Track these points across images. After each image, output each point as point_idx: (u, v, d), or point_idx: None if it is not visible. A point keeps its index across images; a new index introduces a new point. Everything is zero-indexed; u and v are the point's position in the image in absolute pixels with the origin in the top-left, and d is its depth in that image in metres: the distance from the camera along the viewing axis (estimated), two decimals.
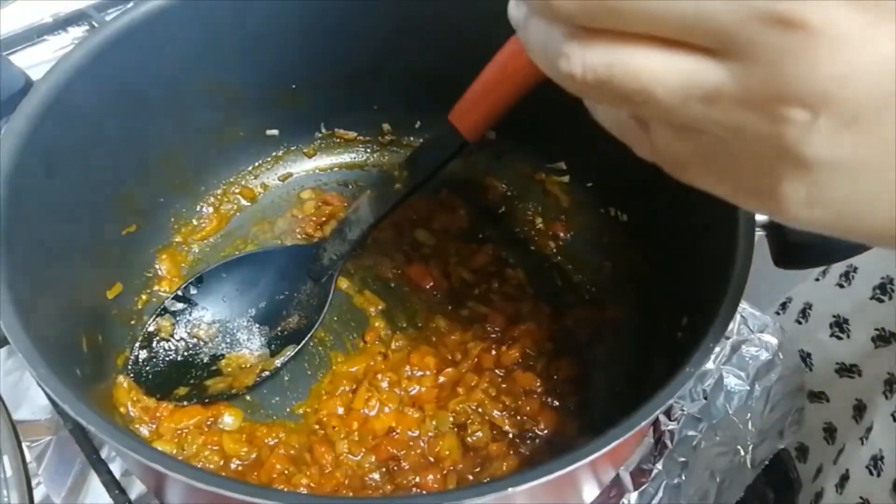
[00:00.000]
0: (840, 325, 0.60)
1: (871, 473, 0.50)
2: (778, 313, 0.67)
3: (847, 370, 0.59)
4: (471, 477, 0.51)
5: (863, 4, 0.21)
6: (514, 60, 0.45)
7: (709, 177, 0.27)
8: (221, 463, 0.52)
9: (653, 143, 0.28)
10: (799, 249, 0.45)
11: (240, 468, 0.52)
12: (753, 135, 0.24)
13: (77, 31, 0.84)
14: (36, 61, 0.80)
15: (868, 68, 0.22)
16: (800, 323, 0.64)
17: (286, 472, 0.52)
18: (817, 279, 0.64)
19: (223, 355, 0.57)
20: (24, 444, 0.54)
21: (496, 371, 0.56)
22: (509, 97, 0.46)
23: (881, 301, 0.57)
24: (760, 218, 0.46)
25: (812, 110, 0.23)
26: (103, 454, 0.52)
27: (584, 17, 0.24)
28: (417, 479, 0.51)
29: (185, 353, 0.56)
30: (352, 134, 0.69)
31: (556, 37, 0.26)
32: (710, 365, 0.60)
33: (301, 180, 0.69)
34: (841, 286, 0.60)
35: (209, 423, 0.54)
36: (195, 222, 0.64)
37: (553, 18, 0.25)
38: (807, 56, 0.22)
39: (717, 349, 0.48)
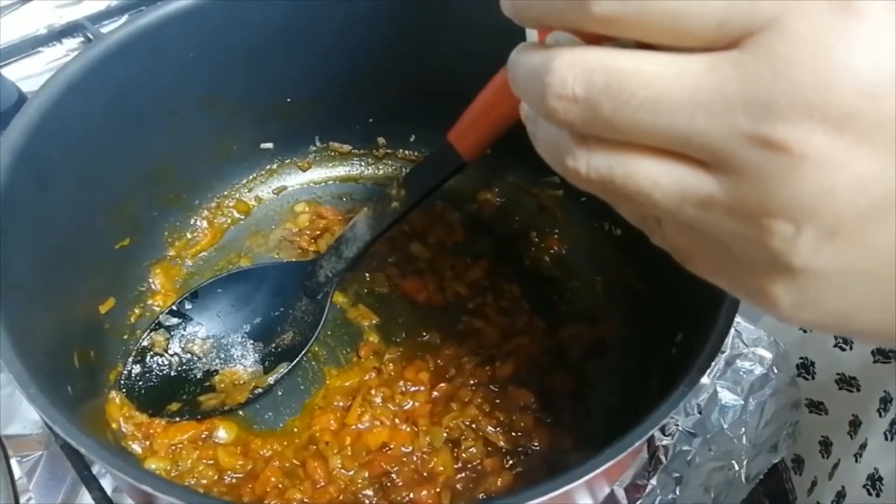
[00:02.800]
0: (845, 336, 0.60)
1: (869, 493, 0.50)
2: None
3: (847, 382, 0.59)
4: (465, 493, 0.51)
5: (840, 129, 0.23)
6: None
7: (710, 270, 0.29)
8: (216, 477, 0.52)
9: (665, 237, 0.29)
10: None
11: (234, 482, 0.52)
12: (744, 241, 0.26)
13: (72, 43, 0.84)
14: (29, 73, 0.80)
15: (846, 186, 0.23)
16: (804, 331, 0.64)
17: (280, 485, 0.51)
18: None
19: (217, 371, 0.56)
20: (15, 459, 0.54)
21: (490, 386, 0.56)
22: (509, 117, 0.46)
23: None
24: None
25: (796, 224, 0.24)
26: (95, 470, 0.52)
27: (586, 128, 0.26)
28: (411, 496, 0.51)
29: (179, 369, 0.56)
30: (346, 147, 0.69)
31: (563, 137, 0.27)
32: (704, 379, 0.59)
33: (295, 193, 0.68)
34: None
35: (203, 436, 0.54)
36: (189, 236, 0.64)
37: (556, 123, 0.26)
38: (790, 175, 0.23)
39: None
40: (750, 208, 0.24)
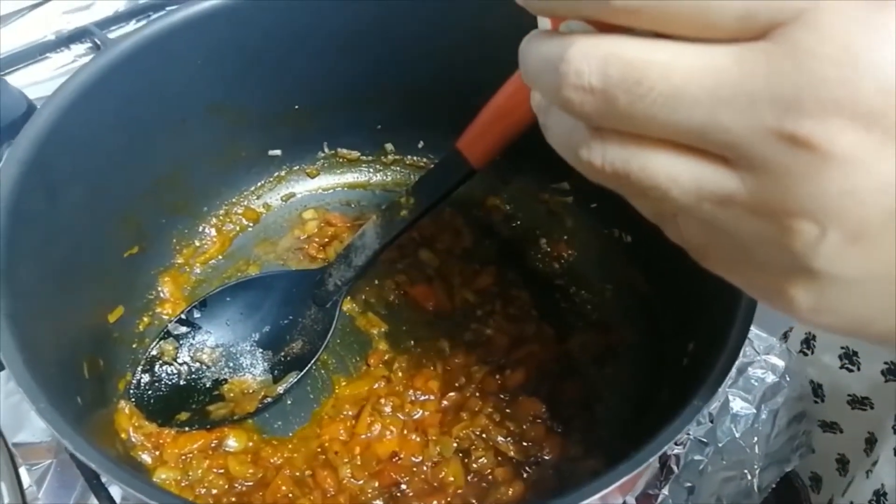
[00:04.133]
0: (850, 358, 0.59)
1: None
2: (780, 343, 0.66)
3: (859, 402, 0.58)
4: (476, 503, 0.51)
5: (868, 127, 0.22)
6: (524, 89, 0.45)
7: (726, 268, 0.28)
8: (227, 486, 0.52)
9: (680, 233, 0.28)
10: None
11: (244, 490, 0.52)
12: (765, 241, 0.25)
13: (79, 49, 0.84)
14: (37, 79, 0.80)
15: (873, 188, 0.23)
16: (805, 354, 0.63)
17: (290, 494, 0.51)
18: None
19: (226, 380, 0.56)
20: (24, 468, 0.54)
21: (500, 395, 0.56)
22: (518, 126, 0.46)
23: None
24: None
25: (820, 225, 0.23)
26: (104, 478, 0.52)
27: (602, 121, 0.25)
28: None
29: (188, 378, 0.56)
30: (355, 154, 0.69)
31: (578, 128, 0.26)
32: None
33: (304, 200, 0.68)
34: None
35: (214, 445, 0.54)
36: (197, 243, 0.64)
37: (572, 114, 0.25)
38: (816, 174, 0.22)
39: None
40: (772, 207, 0.24)
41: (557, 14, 0.26)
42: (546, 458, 0.53)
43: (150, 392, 0.55)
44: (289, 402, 0.57)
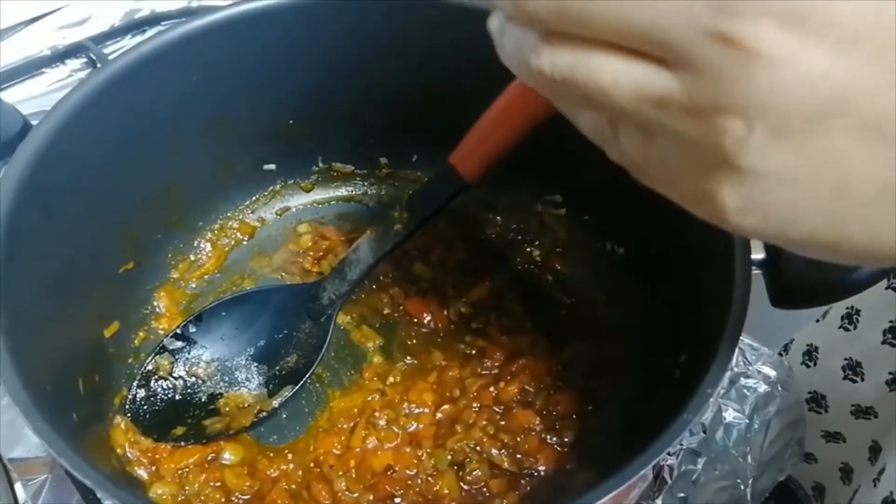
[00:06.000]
0: (853, 369, 0.59)
1: None
2: (781, 354, 0.66)
3: (863, 412, 0.58)
4: None
5: (792, 26, 0.23)
6: (516, 104, 0.45)
7: (661, 180, 0.30)
8: (223, 500, 0.52)
9: (620, 147, 0.30)
10: (795, 289, 0.45)
11: (241, 503, 0.52)
12: (697, 141, 0.26)
13: (75, 64, 0.84)
14: (32, 94, 0.80)
15: (795, 84, 0.24)
16: (807, 366, 0.64)
17: None
18: (818, 321, 0.64)
19: (221, 395, 0.57)
20: (20, 483, 0.54)
21: (494, 408, 0.56)
22: (511, 141, 0.46)
23: (893, 346, 0.57)
24: (756, 256, 0.46)
25: (748, 122, 0.25)
26: (99, 493, 0.52)
27: (552, 21, 0.27)
28: None
29: (184, 393, 0.56)
30: (349, 168, 0.69)
31: (528, 39, 0.28)
32: None
33: (298, 214, 0.69)
34: (846, 329, 0.60)
35: (210, 458, 0.54)
36: (193, 258, 0.64)
37: (525, 21, 0.28)
38: (743, 72, 0.24)
39: None
40: (704, 106, 0.25)
41: None
42: (540, 469, 0.53)
43: (145, 407, 0.55)
44: (284, 415, 0.57)
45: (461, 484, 0.53)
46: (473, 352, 0.60)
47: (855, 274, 0.44)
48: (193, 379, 0.57)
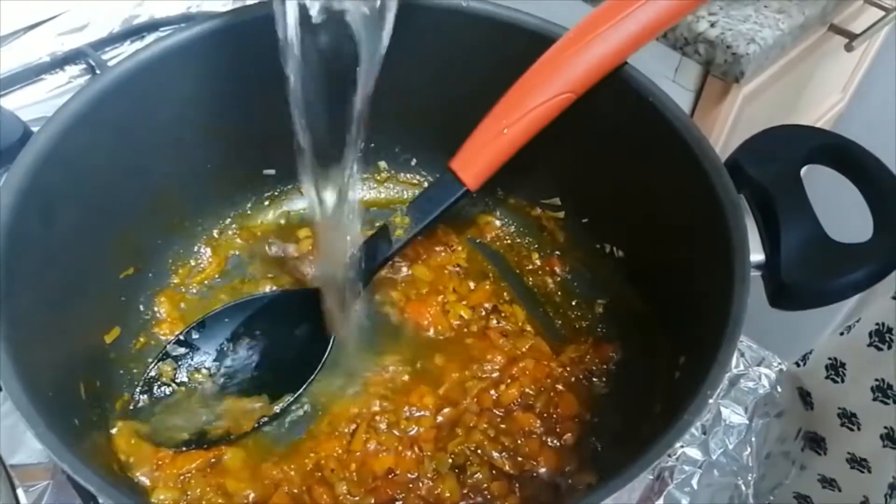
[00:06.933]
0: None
1: None
2: (798, 365, 0.66)
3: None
4: None
5: None
6: (515, 110, 0.46)
7: None
8: None
9: None
10: (793, 290, 0.45)
11: None
12: None
13: (74, 70, 0.84)
14: (32, 100, 0.81)
15: None
16: (835, 382, 0.63)
17: None
18: (841, 334, 0.63)
19: (223, 400, 0.57)
20: (21, 489, 0.54)
21: (495, 410, 0.56)
22: (511, 147, 0.47)
23: (879, 349, 0.56)
24: (755, 258, 0.46)
25: None
26: (101, 499, 0.52)
27: None
28: None
29: (186, 398, 0.56)
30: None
31: None
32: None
33: (299, 219, 0.69)
34: (878, 349, 0.59)
35: (212, 463, 0.54)
36: (193, 263, 0.64)
37: None
38: None
39: None
40: None
41: None
42: (541, 472, 0.53)
43: (148, 413, 0.55)
44: (285, 420, 0.57)
45: (462, 487, 0.53)
46: (473, 355, 0.60)
47: (853, 275, 0.44)
48: (196, 385, 0.57)
